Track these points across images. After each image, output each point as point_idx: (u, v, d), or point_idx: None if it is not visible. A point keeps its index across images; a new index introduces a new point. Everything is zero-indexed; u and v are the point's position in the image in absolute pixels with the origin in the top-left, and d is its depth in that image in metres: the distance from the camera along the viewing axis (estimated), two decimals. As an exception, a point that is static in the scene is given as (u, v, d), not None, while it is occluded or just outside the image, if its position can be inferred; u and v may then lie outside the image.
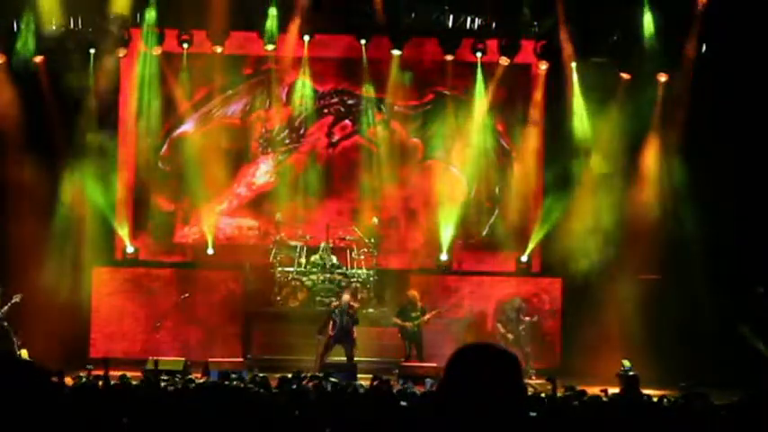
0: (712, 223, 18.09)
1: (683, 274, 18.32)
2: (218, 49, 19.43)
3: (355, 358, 16.82)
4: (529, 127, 20.11)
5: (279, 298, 18.84)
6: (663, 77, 19.30)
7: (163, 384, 11.46)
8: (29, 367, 2.55)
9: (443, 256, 19.96)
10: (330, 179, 20.40)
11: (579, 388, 12.05)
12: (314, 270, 18.90)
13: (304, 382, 13.08)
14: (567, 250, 19.11)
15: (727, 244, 18.11)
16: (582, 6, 18.59)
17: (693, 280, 18.18)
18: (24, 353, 15.30)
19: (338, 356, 16.92)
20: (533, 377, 16.89)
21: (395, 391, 11.54)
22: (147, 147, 20.11)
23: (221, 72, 19.94)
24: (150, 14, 19.00)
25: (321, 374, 14.15)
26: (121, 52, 19.28)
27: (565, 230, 19.31)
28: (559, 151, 19.71)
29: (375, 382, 12.55)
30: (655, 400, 11.16)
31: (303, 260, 19.02)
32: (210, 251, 19.71)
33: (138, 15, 19.02)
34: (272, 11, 19.06)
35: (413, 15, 19.29)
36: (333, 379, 12.82)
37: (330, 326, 16.66)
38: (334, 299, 17.81)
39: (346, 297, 17.10)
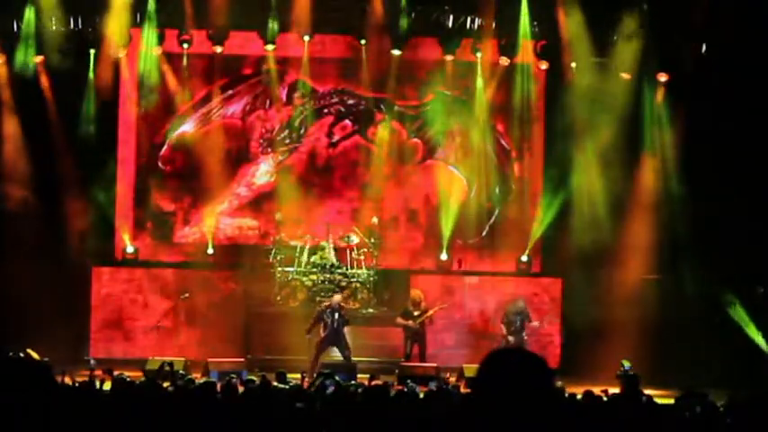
0: (713, 223, 18.09)
1: (682, 274, 18.33)
2: (218, 49, 19.45)
3: (356, 358, 16.80)
4: None
5: (279, 298, 18.84)
6: (663, 77, 19.31)
7: (164, 385, 11.45)
8: (32, 366, 2.56)
9: (443, 256, 19.97)
10: (330, 179, 20.41)
11: (575, 388, 12.04)
12: (314, 270, 18.89)
13: (305, 383, 13.09)
14: (566, 250, 19.13)
15: (727, 244, 18.11)
16: (582, 6, 18.58)
17: (693, 280, 18.19)
18: (31, 352, 15.26)
19: (336, 356, 16.90)
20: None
21: (395, 390, 11.52)
22: (147, 147, 20.14)
23: (221, 72, 19.96)
24: (150, 14, 19.00)
25: (328, 371, 14.14)
26: (121, 52, 19.29)
27: (565, 230, 19.33)
28: (559, 151, 19.72)
29: (372, 382, 12.57)
30: (655, 400, 11.16)
31: (303, 260, 19.02)
32: (210, 251, 19.72)
33: (138, 15, 19.01)
34: (273, 11, 19.06)
35: (413, 15, 19.29)
36: (336, 378, 12.80)
37: (321, 326, 16.63)
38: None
39: (338, 297, 17.08)
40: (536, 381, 2.90)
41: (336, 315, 16.59)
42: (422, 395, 11.03)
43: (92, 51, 19.14)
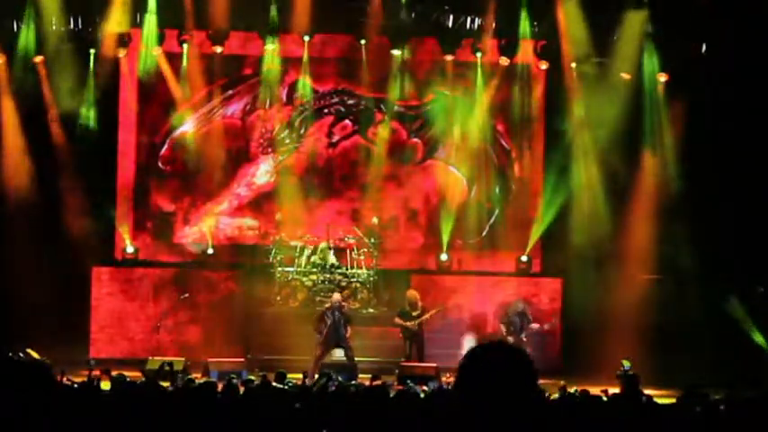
0: (713, 222, 18.09)
1: (683, 274, 18.33)
2: (218, 49, 19.46)
3: (356, 358, 16.76)
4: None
5: (279, 298, 18.84)
6: (663, 77, 19.32)
7: (164, 385, 11.45)
8: (29, 367, 2.56)
9: (443, 256, 19.97)
10: (330, 179, 20.42)
11: (577, 388, 12.04)
12: (314, 270, 18.90)
13: (307, 381, 13.10)
14: (566, 250, 19.13)
15: (727, 243, 18.11)
16: (582, 6, 18.59)
17: (693, 280, 18.19)
18: (31, 352, 15.26)
19: (336, 356, 16.88)
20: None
21: (395, 390, 11.53)
22: (147, 147, 20.14)
23: (221, 72, 19.97)
24: (150, 14, 19.00)
25: (330, 371, 14.14)
26: (121, 52, 19.29)
27: (565, 230, 19.33)
28: (559, 151, 19.73)
29: (374, 382, 12.57)
30: (655, 400, 11.15)
31: (303, 260, 19.02)
32: (210, 251, 19.73)
33: (138, 15, 19.02)
34: (273, 11, 19.07)
35: (413, 15, 19.29)
36: (339, 378, 12.82)
37: (323, 327, 16.59)
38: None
39: (337, 296, 17.04)
40: (517, 374, 2.90)
41: (337, 314, 16.56)
42: (422, 395, 11.03)
43: (92, 51, 19.14)
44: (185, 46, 19.46)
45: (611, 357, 16.16)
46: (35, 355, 14.94)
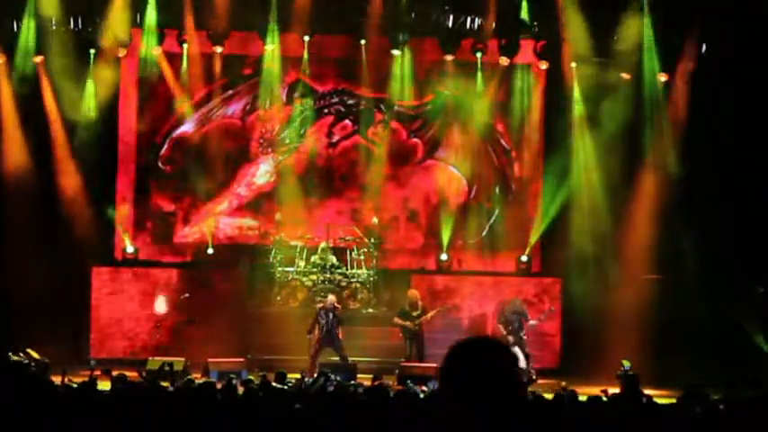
0: (713, 222, 18.09)
1: (682, 274, 18.33)
2: (218, 49, 19.46)
3: (356, 358, 16.78)
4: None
5: (279, 298, 18.84)
6: (663, 77, 19.32)
7: (163, 384, 11.45)
8: (22, 369, 2.56)
9: (443, 256, 19.98)
10: (330, 179, 20.42)
11: (575, 388, 12.04)
12: (314, 270, 18.90)
13: (306, 379, 13.09)
14: (566, 250, 19.13)
15: (727, 243, 18.11)
16: (582, 6, 18.59)
17: (693, 280, 18.19)
18: (32, 352, 15.24)
19: (335, 357, 16.88)
20: (533, 377, 16.86)
21: (395, 390, 11.52)
22: (147, 147, 20.15)
23: (221, 72, 19.96)
24: (150, 15, 19.01)
25: (328, 371, 14.14)
26: (121, 52, 19.29)
27: (565, 230, 19.33)
28: (559, 151, 19.73)
29: (375, 383, 12.56)
30: (655, 400, 11.15)
31: (303, 260, 19.02)
32: (210, 251, 19.73)
33: (138, 15, 19.02)
34: (273, 11, 19.07)
35: (413, 15, 19.29)
36: (336, 377, 12.81)
37: (317, 327, 16.62)
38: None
39: (332, 298, 17.07)
40: (496, 367, 2.90)
41: (330, 315, 16.58)
42: (422, 395, 11.03)
43: (92, 51, 19.14)
44: (185, 46, 19.46)
45: (611, 357, 16.17)
46: (35, 354, 14.94)
